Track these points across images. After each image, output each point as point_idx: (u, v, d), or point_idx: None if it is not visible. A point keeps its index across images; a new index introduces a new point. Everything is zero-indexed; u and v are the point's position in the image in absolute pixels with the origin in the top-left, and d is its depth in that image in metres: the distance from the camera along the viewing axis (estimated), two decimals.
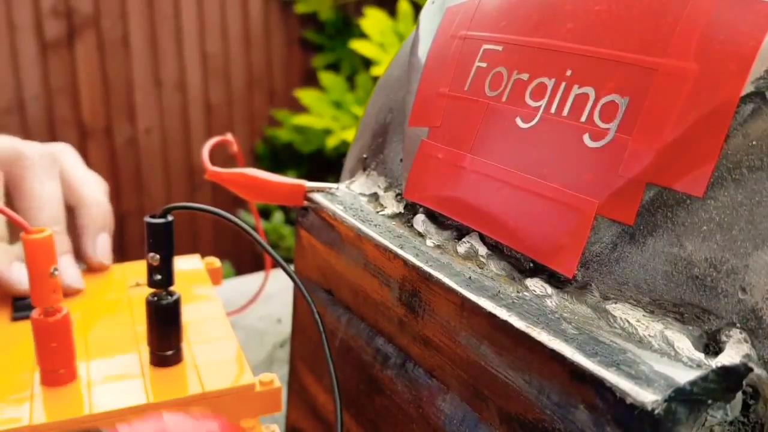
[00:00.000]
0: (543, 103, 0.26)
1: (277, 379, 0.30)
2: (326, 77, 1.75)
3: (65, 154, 0.41)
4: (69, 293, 0.36)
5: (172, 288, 0.30)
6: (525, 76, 0.27)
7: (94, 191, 0.40)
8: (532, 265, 0.25)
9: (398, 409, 0.28)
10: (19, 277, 0.35)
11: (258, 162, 1.87)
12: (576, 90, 0.25)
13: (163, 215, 0.29)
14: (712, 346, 0.20)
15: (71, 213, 0.39)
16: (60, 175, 0.39)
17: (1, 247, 0.36)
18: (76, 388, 0.28)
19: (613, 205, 0.22)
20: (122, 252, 1.62)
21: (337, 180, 0.37)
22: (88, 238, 0.39)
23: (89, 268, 0.39)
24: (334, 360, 0.28)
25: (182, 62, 1.75)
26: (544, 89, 0.26)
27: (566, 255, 0.23)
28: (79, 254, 0.39)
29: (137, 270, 0.40)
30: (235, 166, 0.36)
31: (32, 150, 0.38)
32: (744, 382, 0.19)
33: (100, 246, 0.39)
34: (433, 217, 0.29)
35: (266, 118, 1.89)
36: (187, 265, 0.40)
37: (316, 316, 0.29)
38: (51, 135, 1.57)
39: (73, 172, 0.40)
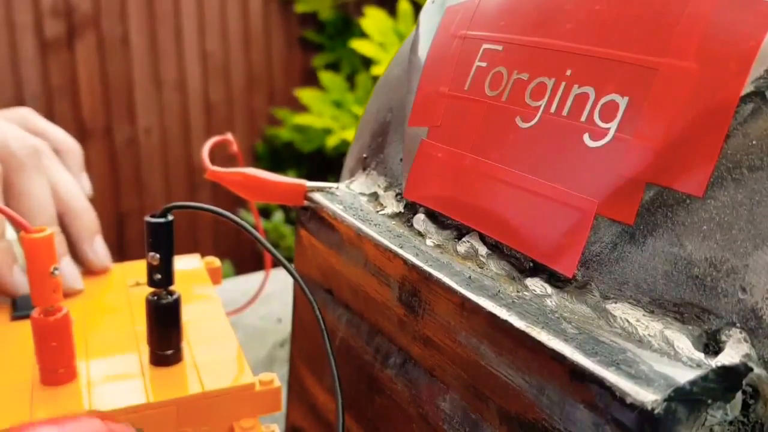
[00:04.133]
0: (543, 102, 0.26)
1: (276, 378, 0.30)
2: (326, 77, 1.75)
3: (44, 148, 0.41)
4: (70, 294, 0.36)
5: (172, 287, 0.30)
6: (525, 76, 0.27)
7: (79, 198, 0.40)
8: (532, 264, 0.25)
9: (398, 408, 0.28)
10: (21, 280, 0.36)
11: (258, 161, 1.87)
12: (576, 90, 0.25)
13: (163, 215, 0.29)
14: (711, 345, 0.20)
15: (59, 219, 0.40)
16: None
17: (2, 247, 0.36)
18: (76, 388, 0.28)
19: (613, 205, 0.22)
20: (122, 252, 1.62)
21: (337, 179, 0.37)
22: (87, 245, 0.39)
23: (91, 272, 0.39)
24: (335, 359, 0.28)
25: (182, 62, 1.75)
26: (544, 89, 0.26)
27: (566, 254, 0.23)
28: (78, 261, 0.39)
29: (137, 270, 0.40)
30: (235, 166, 0.36)
31: (17, 143, 0.38)
32: (744, 382, 0.19)
33: (99, 250, 0.40)
34: (433, 216, 0.29)
35: (266, 117, 1.89)
36: (187, 265, 0.40)
37: (318, 314, 0.29)
38: None
39: (56, 176, 0.40)
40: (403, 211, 0.31)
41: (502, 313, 0.22)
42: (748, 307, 0.19)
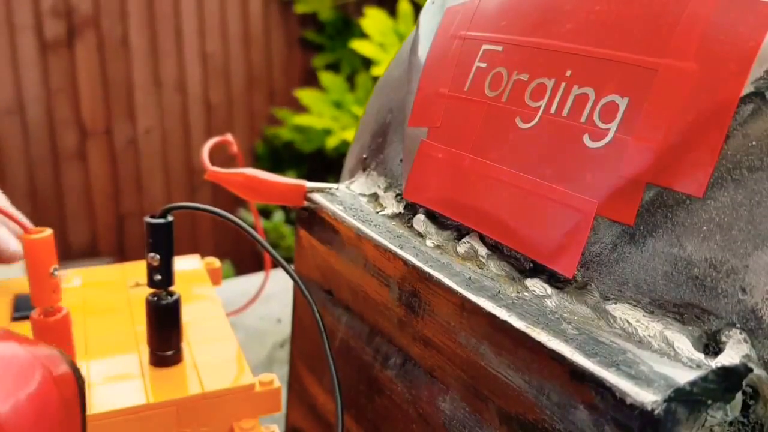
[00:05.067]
0: (543, 103, 0.26)
1: (276, 379, 0.30)
2: (326, 77, 1.75)
3: None
4: (9, 259, 0.37)
5: (172, 288, 0.30)
6: (525, 77, 0.27)
7: None
8: (532, 265, 0.25)
9: (398, 409, 0.28)
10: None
11: (258, 162, 1.87)
12: (576, 90, 0.25)
13: (163, 215, 0.29)
14: (711, 346, 0.20)
15: None
16: None
17: None
18: None
19: (613, 206, 0.22)
20: (122, 252, 1.62)
21: (337, 180, 0.37)
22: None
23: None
24: (335, 359, 0.28)
25: (182, 62, 1.75)
26: (544, 89, 0.26)
27: (566, 255, 0.23)
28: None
29: (137, 270, 0.40)
30: (235, 167, 0.36)
31: None
32: (744, 383, 0.19)
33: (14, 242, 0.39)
34: (432, 217, 0.29)
35: (266, 118, 1.89)
36: (186, 265, 0.40)
37: (317, 315, 0.29)
38: (51, 135, 1.57)
39: None
40: (403, 211, 0.31)
41: (502, 313, 0.22)
42: (748, 307, 0.19)
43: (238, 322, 0.54)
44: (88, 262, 1.45)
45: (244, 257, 1.82)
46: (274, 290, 0.51)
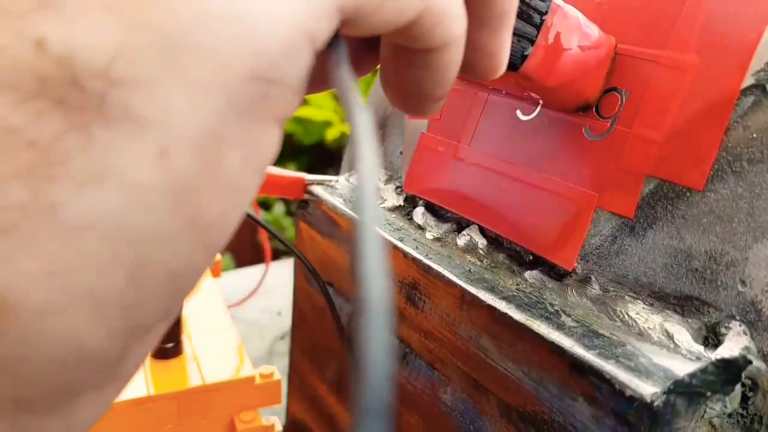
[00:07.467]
0: None
1: (277, 371, 0.30)
2: None
3: None
4: None
5: None
6: None
7: None
8: (531, 257, 0.25)
9: (399, 400, 0.28)
10: None
11: None
12: None
13: None
14: (711, 338, 0.20)
15: None
16: None
17: None
18: None
19: (613, 198, 0.22)
20: None
21: (337, 172, 0.37)
22: None
23: None
24: (343, 340, 0.29)
25: None
26: None
27: (566, 248, 0.23)
28: None
29: None
30: None
31: None
32: (743, 375, 0.19)
33: None
34: (432, 209, 0.29)
35: None
36: None
37: (327, 296, 0.29)
38: None
39: None
40: (402, 204, 0.31)
41: (502, 305, 0.22)
42: (748, 299, 0.19)
43: (238, 315, 0.54)
44: None
45: (243, 249, 1.82)
46: (274, 283, 0.51)
